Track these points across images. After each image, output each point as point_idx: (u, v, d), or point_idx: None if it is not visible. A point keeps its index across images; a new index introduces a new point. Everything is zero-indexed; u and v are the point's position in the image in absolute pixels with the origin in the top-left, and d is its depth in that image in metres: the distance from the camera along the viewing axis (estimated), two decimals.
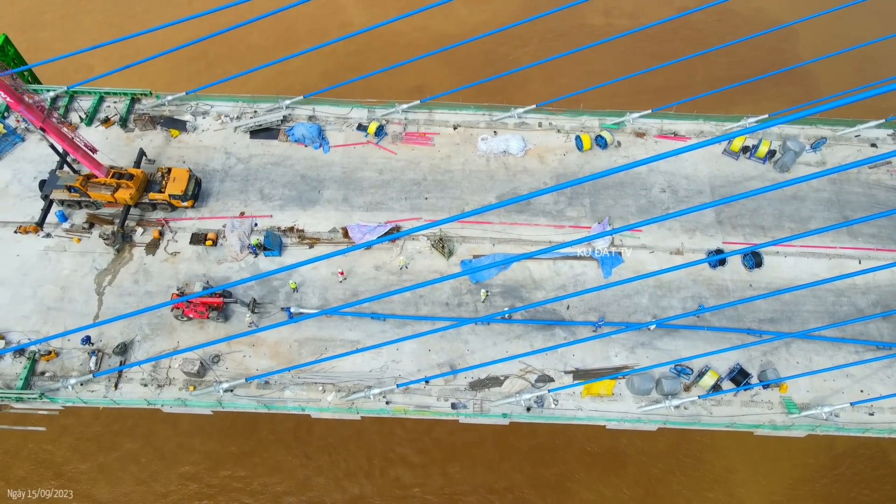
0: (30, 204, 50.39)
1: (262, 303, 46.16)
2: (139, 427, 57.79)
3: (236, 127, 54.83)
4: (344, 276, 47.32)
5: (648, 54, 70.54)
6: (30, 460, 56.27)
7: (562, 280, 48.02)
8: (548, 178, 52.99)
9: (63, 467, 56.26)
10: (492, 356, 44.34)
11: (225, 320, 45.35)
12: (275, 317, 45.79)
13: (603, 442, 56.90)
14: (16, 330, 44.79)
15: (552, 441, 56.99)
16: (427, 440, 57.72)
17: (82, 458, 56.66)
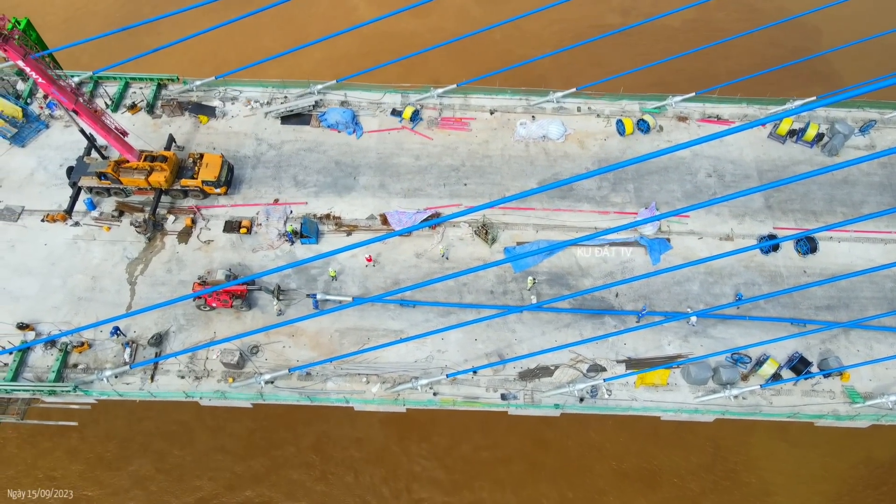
0: (56, 192, 48.76)
1: (286, 290, 44.52)
2: (152, 444, 55.22)
3: (267, 112, 53.18)
4: (372, 262, 45.71)
5: (670, 52, 68.40)
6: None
7: (609, 267, 46.45)
8: (589, 164, 51.41)
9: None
10: (540, 345, 42.77)
11: (249, 308, 43.72)
12: (302, 303, 44.16)
13: (633, 460, 54.45)
14: (46, 321, 43.15)
15: (582, 459, 54.51)
16: (452, 458, 54.64)
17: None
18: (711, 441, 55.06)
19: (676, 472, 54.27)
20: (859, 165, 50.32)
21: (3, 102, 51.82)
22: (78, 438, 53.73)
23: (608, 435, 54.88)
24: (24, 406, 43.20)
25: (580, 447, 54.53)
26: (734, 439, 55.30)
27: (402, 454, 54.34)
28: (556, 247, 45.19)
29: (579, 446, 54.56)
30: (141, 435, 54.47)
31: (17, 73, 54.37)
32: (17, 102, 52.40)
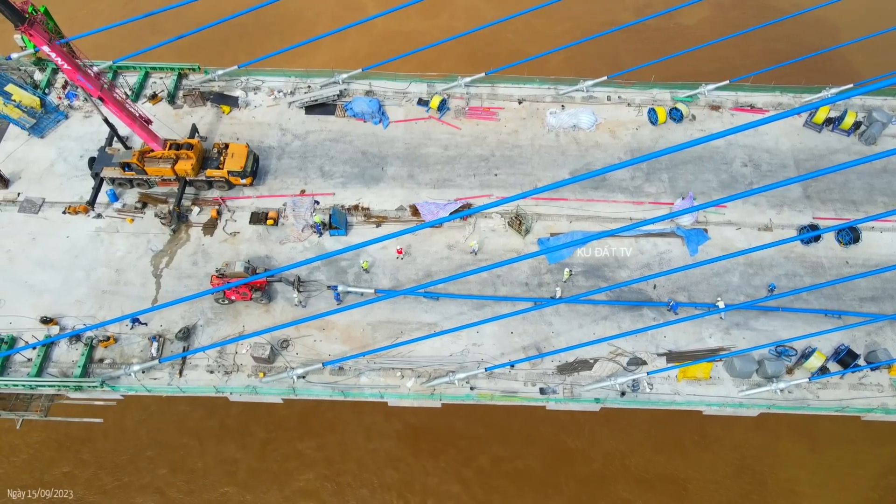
0: (77, 183, 47.58)
1: (306, 281, 43.33)
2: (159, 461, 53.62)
3: (290, 102, 52.02)
4: (402, 255, 44.57)
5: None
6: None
7: (646, 258, 45.29)
8: (621, 153, 50.26)
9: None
10: (578, 338, 41.64)
11: (269, 301, 42.55)
12: (323, 295, 42.99)
13: (658, 470, 52.87)
14: (70, 315, 41.97)
15: (606, 469, 52.91)
16: (470, 470, 52.78)
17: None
18: (737, 450, 53.59)
19: (703, 482, 52.74)
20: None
21: (20, 92, 50.65)
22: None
23: (631, 444, 53.32)
24: (48, 403, 42.14)
25: (603, 457, 52.91)
26: (760, 448, 53.82)
27: (418, 466, 52.71)
28: (591, 238, 43.90)
29: (602, 456, 52.91)
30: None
31: (34, 63, 53.20)
32: (34, 92, 51.22)
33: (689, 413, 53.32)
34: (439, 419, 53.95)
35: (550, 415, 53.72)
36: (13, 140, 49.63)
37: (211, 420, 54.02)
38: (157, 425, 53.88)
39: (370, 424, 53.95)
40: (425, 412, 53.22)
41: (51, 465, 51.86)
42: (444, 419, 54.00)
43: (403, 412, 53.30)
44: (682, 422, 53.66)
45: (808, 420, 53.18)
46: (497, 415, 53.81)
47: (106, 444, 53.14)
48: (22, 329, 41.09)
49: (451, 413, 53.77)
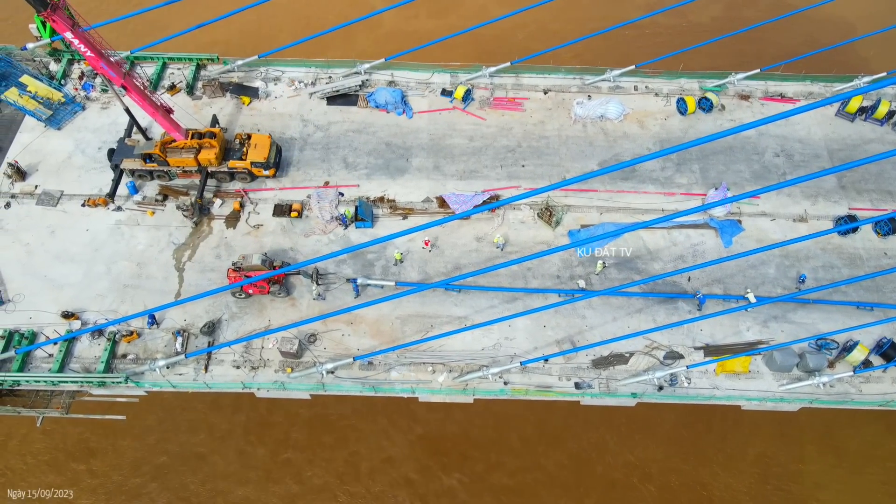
0: (96, 175, 46.55)
1: (325, 273, 42.30)
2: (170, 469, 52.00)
3: (312, 93, 51.00)
4: (429, 247, 43.55)
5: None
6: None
7: (679, 250, 44.26)
8: (651, 144, 49.23)
9: None
10: (613, 332, 40.64)
11: (287, 294, 41.53)
12: (343, 288, 41.95)
13: (682, 480, 51.23)
14: (91, 309, 40.93)
15: (628, 479, 51.20)
16: (486, 485, 50.83)
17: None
18: (761, 460, 52.20)
19: (729, 491, 51.18)
20: None
21: (36, 83, 49.64)
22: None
23: (652, 454, 52.01)
24: (69, 399, 41.04)
25: (624, 467, 51.44)
26: (785, 458, 52.38)
27: (435, 480, 51.11)
28: (623, 230, 42.91)
29: (623, 466, 51.53)
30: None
31: (49, 54, 52.13)
32: (50, 83, 50.18)
33: (712, 421, 52.71)
34: (454, 426, 52.95)
35: (569, 423, 53.00)
36: (29, 132, 48.59)
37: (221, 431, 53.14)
38: (171, 427, 52.70)
39: (383, 435, 52.64)
40: (439, 421, 52.58)
41: (67, 464, 50.83)
42: (460, 427, 52.86)
43: (416, 422, 52.53)
44: (704, 430, 52.61)
45: (831, 429, 52.44)
46: (513, 423, 52.82)
47: (124, 443, 52.17)
48: (42, 324, 40.08)
49: (468, 421, 52.85)
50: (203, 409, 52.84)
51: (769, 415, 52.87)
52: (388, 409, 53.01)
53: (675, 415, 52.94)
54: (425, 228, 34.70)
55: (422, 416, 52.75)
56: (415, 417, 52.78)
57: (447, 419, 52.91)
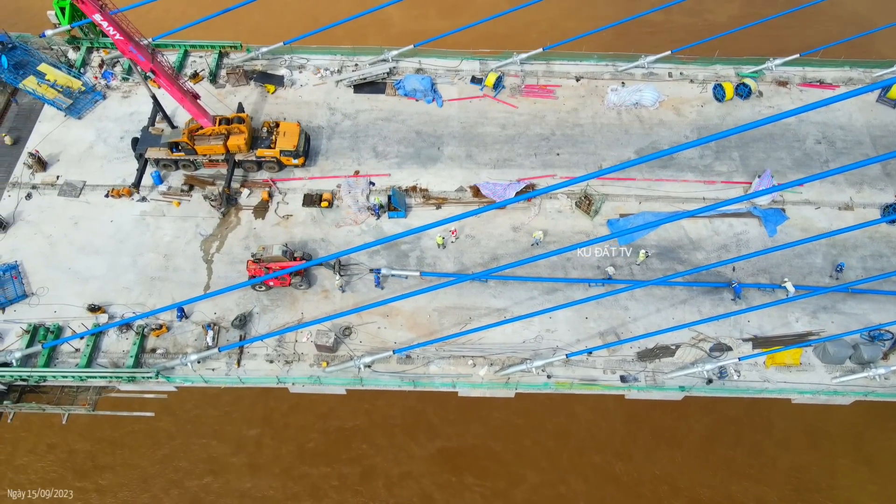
0: (118, 165, 45.21)
1: (347, 264, 40.95)
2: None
3: (338, 81, 49.66)
4: (456, 235, 42.13)
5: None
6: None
7: (722, 239, 42.95)
8: (688, 132, 47.93)
9: None
10: (657, 323, 39.35)
11: (308, 286, 40.18)
12: (366, 278, 40.62)
13: (711, 493, 49.27)
14: (118, 303, 39.58)
15: (654, 493, 49.38)
16: (510, 501, 49.13)
17: None
18: (793, 472, 50.72)
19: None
20: None
21: (55, 72, 48.28)
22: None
23: (679, 467, 50.44)
24: (96, 396, 39.71)
25: (651, 481, 49.84)
26: (817, 470, 50.77)
27: (457, 496, 49.21)
28: (664, 220, 41.47)
29: (650, 480, 49.91)
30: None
31: (67, 42, 50.74)
32: (69, 72, 48.79)
33: (741, 433, 51.23)
34: (474, 439, 51.37)
35: (593, 433, 51.56)
36: (49, 121, 47.24)
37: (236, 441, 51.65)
38: (182, 443, 51.07)
39: (401, 448, 50.84)
40: (458, 435, 51.10)
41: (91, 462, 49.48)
42: (480, 440, 51.36)
43: (434, 436, 51.12)
44: (732, 443, 51.28)
45: (862, 440, 50.97)
46: (535, 436, 51.42)
47: (145, 441, 50.81)
48: (68, 318, 38.71)
49: (488, 434, 51.29)
50: (215, 425, 51.45)
51: (799, 426, 51.83)
52: (405, 421, 51.64)
53: (701, 426, 51.56)
54: (461, 218, 33.49)
55: (440, 429, 51.29)
56: (433, 431, 51.29)
57: (466, 432, 51.30)
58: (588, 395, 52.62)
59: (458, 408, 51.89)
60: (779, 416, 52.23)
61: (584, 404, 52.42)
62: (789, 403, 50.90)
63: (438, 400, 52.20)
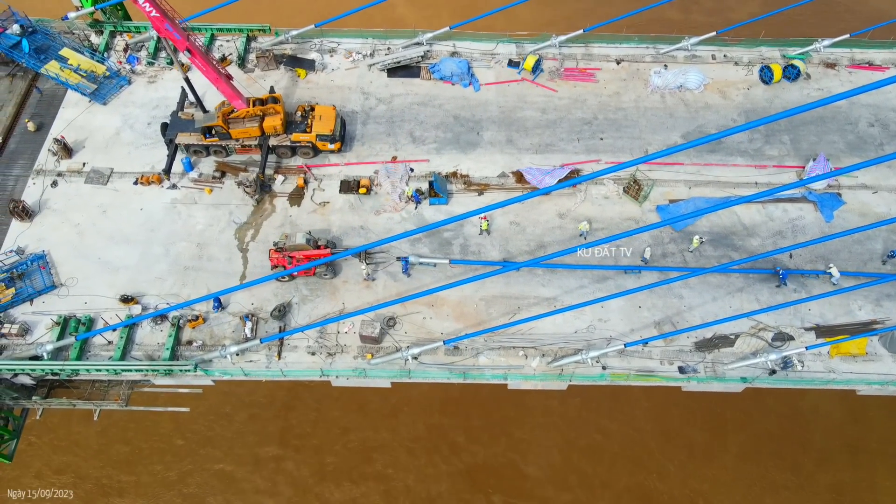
0: (146, 152, 43.53)
1: (373, 252, 39.20)
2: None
3: (371, 65, 47.95)
4: (486, 220, 40.18)
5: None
6: None
7: (776, 225, 41.29)
8: (735, 115, 46.28)
9: None
10: (714, 312, 37.72)
11: (334, 275, 38.44)
12: (393, 267, 38.91)
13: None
14: (151, 293, 37.88)
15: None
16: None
17: None
18: (834, 488, 49.31)
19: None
20: None
21: (78, 57, 46.60)
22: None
23: (715, 482, 48.97)
24: (128, 390, 38.02)
25: (687, 498, 48.43)
26: (858, 486, 49.52)
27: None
28: (717, 206, 39.61)
29: (686, 497, 48.44)
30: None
31: (90, 25, 49.00)
32: (93, 57, 47.09)
33: (781, 448, 49.48)
34: (500, 457, 49.77)
35: (625, 448, 49.92)
36: (73, 107, 45.54)
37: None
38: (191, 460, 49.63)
39: (421, 465, 49.50)
40: (486, 452, 49.52)
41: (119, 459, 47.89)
42: (507, 458, 49.80)
43: (458, 453, 49.59)
44: (770, 457, 49.72)
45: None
46: (564, 452, 49.96)
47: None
48: (99, 309, 37.02)
49: (514, 449, 49.58)
50: (227, 443, 49.91)
51: (838, 442, 50.15)
52: (431, 436, 50.05)
53: (737, 442, 50.01)
54: (505, 205, 31.73)
55: (465, 446, 49.66)
56: (458, 447, 49.64)
57: (491, 449, 49.66)
58: (617, 409, 51.41)
59: (484, 424, 50.48)
60: (817, 430, 50.70)
61: (615, 419, 51.07)
62: (828, 417, 49.49)
63: (463, 414, 50.78)
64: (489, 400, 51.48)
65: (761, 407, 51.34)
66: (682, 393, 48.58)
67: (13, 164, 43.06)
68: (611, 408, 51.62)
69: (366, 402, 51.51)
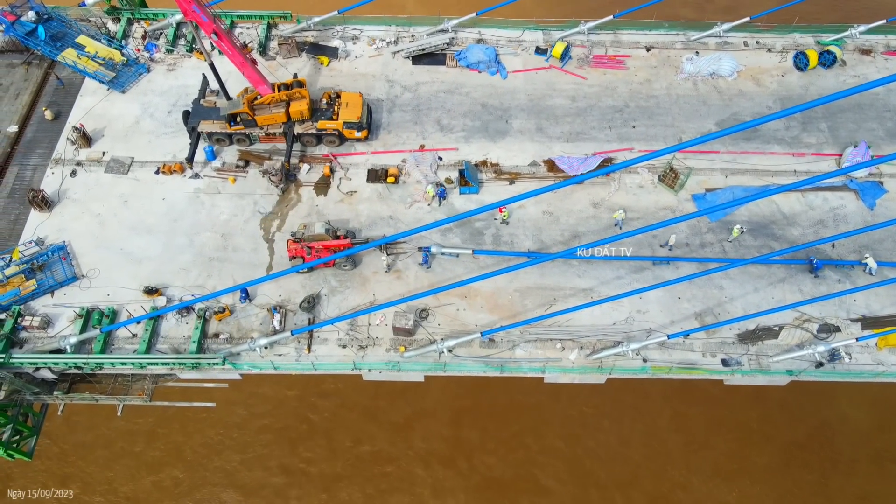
0: (167, 141, 42.42)
1: (393, 243, 37.92)
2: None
3: (395, 52, 46.80)
4: (503, 213, 39.03)
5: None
6: None
7: (817, 214, 40.12)
8: (770, 102, 45.12)
9: None
10: (755, 303, 36.61)
11: (353, 266, 37.31)
12: (413, 257, 37.77)
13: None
14: (175, 285, 36.76)
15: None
16: None
17: None
18: (863, 501, 47.98)
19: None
20: None
21: (95, 45, 45.46)
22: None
23: (743, 495, 47.27)
24: (152, 385, 36.91)
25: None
26: (888, 501, 48.24)
27: None
28: (756, 195, 38.42)
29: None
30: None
31: (107, 13, 47.88)
32: (110, 44, 45.95)
33: (810, 460, 47.97)
34: (514, 468, 48.16)
35: (647, 456, 48.46)
36: (91, 95, 44.43)
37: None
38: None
39: (437, 484, 47.73)
40: (502, 464, 48.07)
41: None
42: (523, 468, 48.15)
43: (478, 463, 48.01)
44: (797, 469, 48.28)
45: None
46: (586, 465, 48.33)
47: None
48: (122, 301, 35.88)
49: (530, 461, 48.12)
50: (238, 454, 48.54)
51: (866, 452, 48.70)
52: (447, 448, 48.27)
53: (764, 453, 48.45)
54: (537, 194, 30.60)
55: (481, 458, 48.20)
56: (473, 458, 48.13)
57: (508, 462, 48.17)
58: (638, 419, 49.65)
59: (501, 436, 49.06)
60: (845, 440, 49.37)
61: (637, 429, 49.36)
62: (855, 427, 47.81)
63: (478, 426, 49.08)
64: (505, 410, 49.77)
65: (788, 416, 49.91)
66: (707, 401, 47.33)
67: (31, 154, 41.96)
68: (632, 417, 49.82)
69: (379, 412, 49.93)
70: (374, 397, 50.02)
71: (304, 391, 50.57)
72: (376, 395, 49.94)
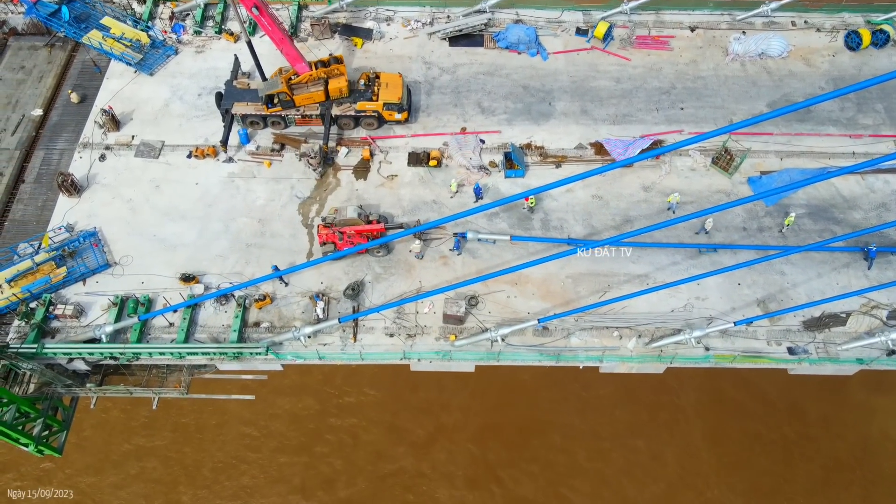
0: (198, 124, 40.84)
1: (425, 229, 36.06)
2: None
3: (431, 33, 45.18)
4: (530, 202, 37.22)
5: None
6: None
7: (879, 197, 38.51)
8: (822, 83, 43.48)
9: None
10: (819, 289, 34.99)
11: (388, 252, 35.75)
12: (446, 243, 36.09)
13: None
14: (212, 272, 35.18)
15: None
16: None
17: None
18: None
19: None
20: None
21: (120, 26, 43.84)
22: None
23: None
24: (189, 377, 35.29)
25: None
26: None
27: None
28: (813, 179, 36.74)
29: None
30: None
31: None
32: (136, 25, 44.36)
33: (851, 478, 45.96)
34: (547, 486, 45.54)
35: (681, 482, 45.76)
36: (118, 78, 42.85)
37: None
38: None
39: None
40: (529, 480, 45.63)
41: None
42: (550, 485, 45.44)
43: (505, 479, 45.54)
44: (843, 487, 46.04)
45: None
46: (616, 482, 45.85)
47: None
48: (157, 289, 34.29)
49: (559, 481, 45.53)
50: (257, 462, 46.26)
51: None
52: (472, 465, 45.93)
53: (804, 471, 45.95)
54: (586, 177, 28.93)
55: (508, 476, 45.65)
56: (499, 480, 45.59)
57: (537, 480, 45.61)
58: (673, 433, 47.28)
59: (528, 454, 46.60)
60: (888, 458, 47.31)
61: (670, 444, 46.93)
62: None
63: (504, 442, 46.73)
64: (531, 424, 47.57)
65: (829, 434, 47.86)
66: (741, 416, 45.08)
67: (56, 138, 40.40)
68: (668, 433, 47.74)
69: (401, 426, 47.74)
70: (394, 413, 47.88)
71: (323, 406, 47.98)
72: (396, 412, 47.85)
